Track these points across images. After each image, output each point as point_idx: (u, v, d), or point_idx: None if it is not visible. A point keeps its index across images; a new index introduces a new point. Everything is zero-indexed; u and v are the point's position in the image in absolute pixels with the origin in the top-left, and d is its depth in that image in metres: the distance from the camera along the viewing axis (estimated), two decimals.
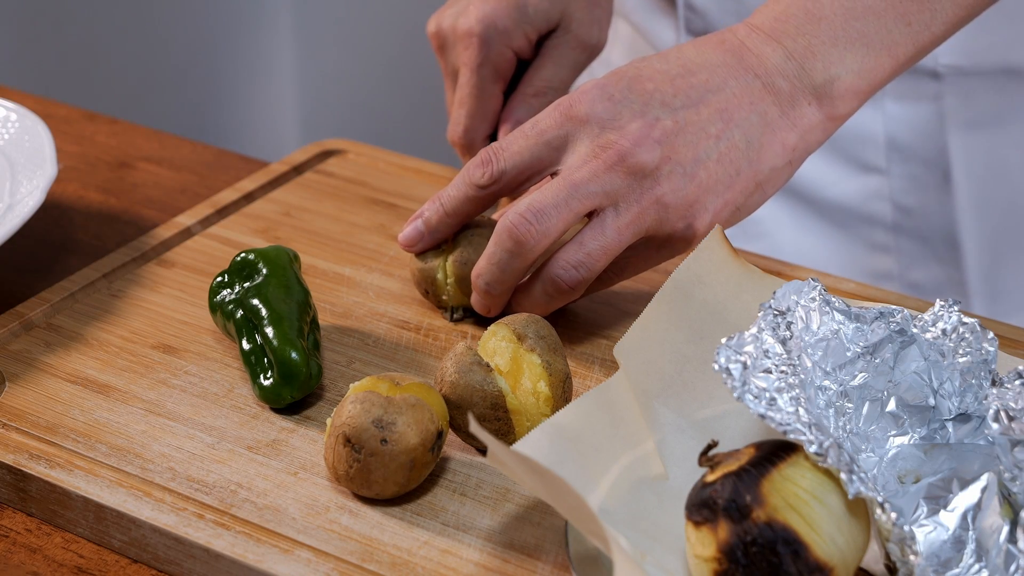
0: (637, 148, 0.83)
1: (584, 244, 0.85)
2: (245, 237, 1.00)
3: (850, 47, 0.85)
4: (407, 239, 0.89)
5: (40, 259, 1.01)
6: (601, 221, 0.84)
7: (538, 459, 0.67)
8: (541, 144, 0.85)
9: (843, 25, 0.85)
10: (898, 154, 1.11)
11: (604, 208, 0.84)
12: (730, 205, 0.85)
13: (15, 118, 1.04)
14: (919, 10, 0.86)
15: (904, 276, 1.13)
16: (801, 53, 0.85)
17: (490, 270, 0.86)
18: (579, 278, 0.86)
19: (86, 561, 0.76)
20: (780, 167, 0.86)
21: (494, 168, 0.86)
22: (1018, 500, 0.69)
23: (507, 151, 0.86)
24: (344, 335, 0.89)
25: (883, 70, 0.86)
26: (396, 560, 0.72)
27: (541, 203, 0.84)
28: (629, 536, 0.70)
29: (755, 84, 0.85)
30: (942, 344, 0.74)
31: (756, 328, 0.72)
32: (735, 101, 0.85)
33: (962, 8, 0.87)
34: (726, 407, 0.77)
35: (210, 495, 0.76)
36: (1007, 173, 1.12)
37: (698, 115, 0.84)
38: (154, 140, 1.17)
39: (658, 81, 0.85)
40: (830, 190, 1.12)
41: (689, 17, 1.13)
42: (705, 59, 0.86)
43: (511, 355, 0.79)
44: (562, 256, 0.86)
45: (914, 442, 0.74)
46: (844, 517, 0.65)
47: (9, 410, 0.82)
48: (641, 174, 0.83)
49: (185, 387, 0.85)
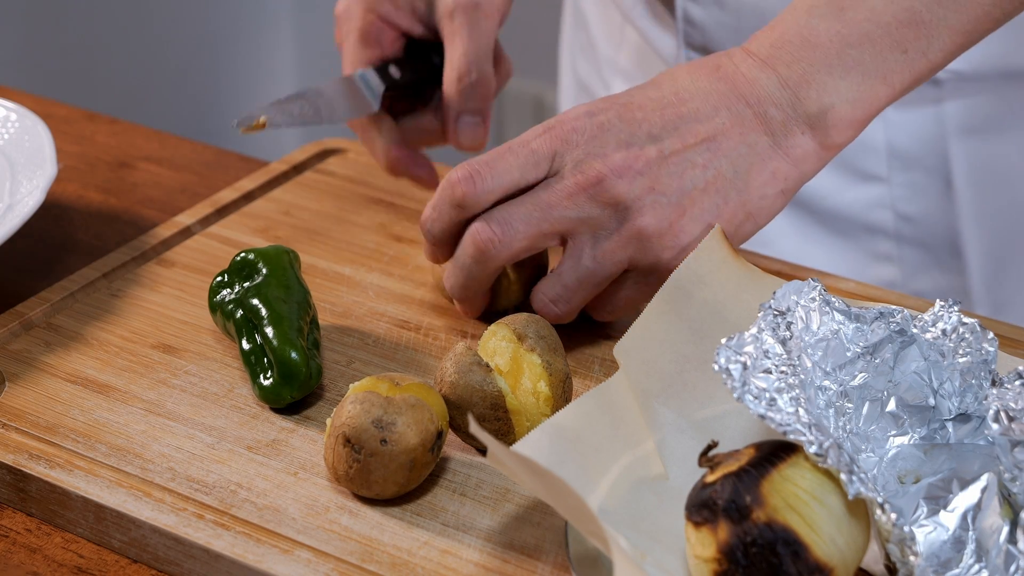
0: (618, 179, 0.83)
1: (561, 276, 0.85)
2: (245, 237, 1.00)
3: (845, 75, 0.84)
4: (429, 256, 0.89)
5: (40, 259, 1.01)
6: (578, 252, 0.84)
7: (538, 459, 0.67)
8: (529, 164, 0.84)
9: (838, 53, 0.84)
10: (899, 162, 1.11)
11: (580, 236, 0.84)
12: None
13: (15, 118, 1.04)
14: (916, 37, 0.85)
15: (907, 285, 1.13)
16: (795, 81, 0.84)
17: (456, 274, 0.86)
18: (559, 313, 0.86)
19: (86, 561, 0.76)
20: (770, 196, 0.85)
21: (478, 186, 0.84)
22: (1018, 500, 0.69)
23: (493, 168, 0.85)
24: (344, 335, 0.89)
25: (878, 99, 0.85)
26: (396, 560, 0.72)
27: (509, 216, 0.84)
28: (629, 536, 0.70)
29: (747, 113, 0.84)
30: (942, 344, 0.74)
31: (756, 328, 0.72)
32: (724, 130, 0.84)
33: (960, 35, 0.86)
34: (726, 407, 0.77)
35: (210, 495, 0.76)
36: (1009, 179, 1.11)
37: (684, 144, 0.84)
38: (154, 140, 1.17)
39: (648, 111, 0.85)
40: (831, 199, 1.12)
41: (688, 31, 1.13)
42: (698, 87, 0.85)
43: (511, 355, 0.79)
44: (540, 290, 0.86)
45: (914, 442, 0.74)
46: (844, 518, 0.65)
47: (9, 410, 0.82)
48: (620, 205, 0.83)
49: (185, 387, 0.85)
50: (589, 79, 1.29)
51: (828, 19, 0.85)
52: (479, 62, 0.97)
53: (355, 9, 0.99)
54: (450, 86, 0.97)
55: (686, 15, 1.12)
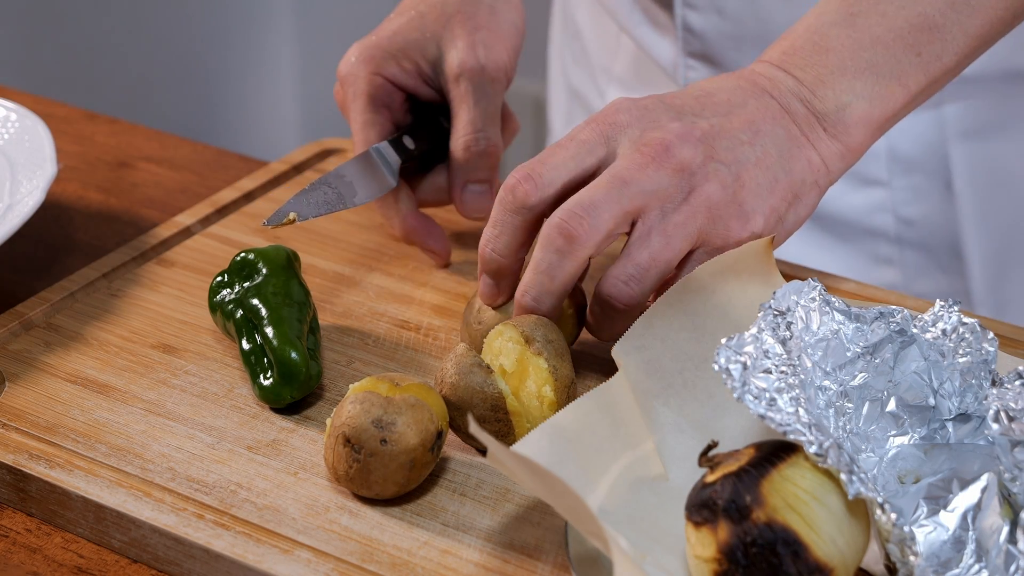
0: (683, 144, 0.81)
1: (632, 256, 0.81)
2: (245, 237, 1.00)
3: (859, 76, 0.85)
4: (485, 295, 0.86)
5: (40, 259, 1.01)
6: (647, 229, 0.81)
7: (538, 460, 0.67)
8: (583, 152, 0.82)
9: (851, 56, 0.85)
10: (899, 165, 1.11)
11: (650, 213, 0.81)
12: (775, 212, 0.84)
13: (15, 118, 1.04)
14: (929, 40, 0.85)
15: (909, 288, 1.13)
16: (811, 82, 0.85)
17: (538, 280, 0.81)
18: (632, 293, 0.81)
19: (86, 561, 0.76)
20: (809, 184, 0.85)
21: (538, 181, 0.82)
22: (1018, 500, 0.69)
23: (547, 164, 0.82)
24: (344, 335, 0.89)
25: (895, 99, 0.85)
26: (396, 560, 0.72)
27: (590, 198, 0.80)
28: (629, 536, 0.70)
29: (773, 105, 0.85)
30: (942, 344, 0.74)
31: (756, 328, 0.72)
32: (759, 117, 0.84)
33: (974, 39, 0.86)
34: (726, 407, 0.77)
35: (210, 495, 0.76)
36: (1009, 181, 1.11)
37: (730, 124, 0.84)
38: (154, 140, 1.17)
39: (684, 99, 0.85)
40: (833, 204, 1.12)
41: (687, 38, 1.13)
42: (721, 85, 0.86)
43: (517, 357, 0.79)
44: (612, 273, 0.81)
45: (914, 442, 0.74)
46: (844, 518, 0.65)
47: (9, 410, 0.82)
48: (686, 171, 0.81)
49: (185, 387, 0.85)
50: (583, 88, 1.28)
51: (839, 26, 0.86)
52: (486, 130, 0.95)
53: (361, 72, 0.96)
54: (457, 154, 0.95)
55: (685, 23, 1.12)
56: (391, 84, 0.97)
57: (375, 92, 0.96)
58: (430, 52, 0.96)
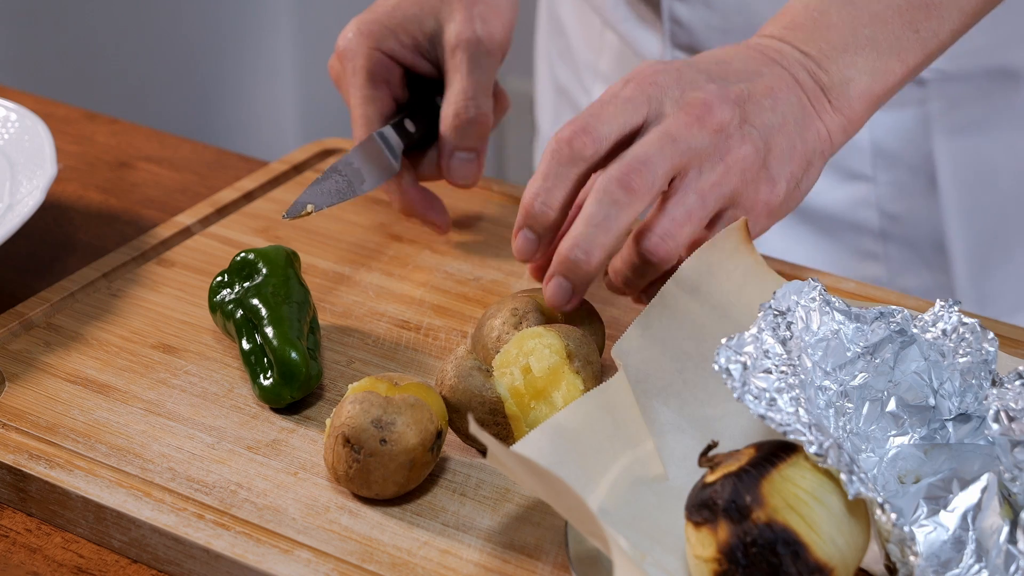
0: (723, 104, 0.82)
1: (667, 211, 0.82)
2: (245, 236, 1.00)
3: (860, 52, 0.86)
4: (523, 251, 0.84)
5: (40, 259, 1.01)
6: (685, 187, 0.82)
7: (538, 460, 0.67)
8: (629, 109, 0.83)
9: (851, 31, 0.86)
10: (884, 161, 1.11)
11: (689, 171, 0.82)
12: (794, 178, 0.85)
13: (15, 118, 1.04)
14: (927, 17, 0.87)
15: (893, 282, 1.14)
16: (817, 55, 0.86)
17: (591, 233, 0.80)
18: (667, 248, 0.81)
19: (86, 561, 0.76)
20: (819, 153, 0.86)
21: (594, 134, 0.82)
22: (1018, 500, 0.69)
23: (600, 118, 0.82)
24: (344, 335, 0.89)
25: (894, 74, 0.87)
26: (396, 560, 0.72)
27: (645, 153, 0.81)
28: (629, 536, 0.70)
29: (785, 74, 0.86)
30: (942, 344, 0.74)
31: (756, 328, 0.72)
32: (775, 84, 0.85)
33: (967, 16, 0.88)
34: (726, 407, 0.77)
35: (210, 495, 0.76)
36: (993, 177, 1.12)
37: (755, 89, 0.85)
38: (154, 140, 1.17)
39: (707, 64, 0.85)
40: (817, 199, 1.13)
41: (674, 31, 1.13)
42: (733, 54, 0.87)
43: (552, 366, 0.77)
44: (648, 228, 0.81)
45: (914, 442, 0.74)
46: (844, 518, 0.65)
47: (9, 410, 0.82)
48: (723, 132, 0.83)
49: (185, 387, 0.85)
50: (569, 84, 1.28)
51: (838, 4, 0.87)
52: (477, 99, 0.96)
53: (360, 46, 0.97)
54: (447, 122, 0.96)
55: (672, 15, 1.13)
56: (390, 59, 0.98)
57: (374, 67, 0.97)
58: (428, 26, 0.97)
